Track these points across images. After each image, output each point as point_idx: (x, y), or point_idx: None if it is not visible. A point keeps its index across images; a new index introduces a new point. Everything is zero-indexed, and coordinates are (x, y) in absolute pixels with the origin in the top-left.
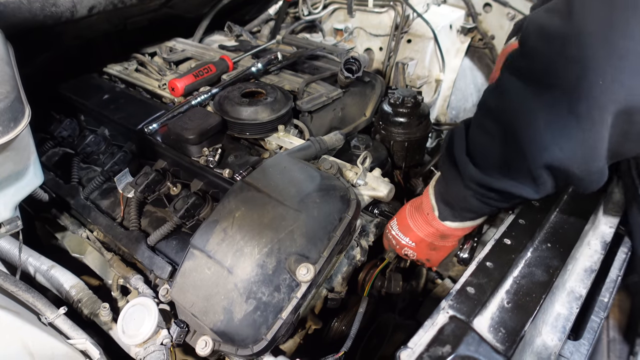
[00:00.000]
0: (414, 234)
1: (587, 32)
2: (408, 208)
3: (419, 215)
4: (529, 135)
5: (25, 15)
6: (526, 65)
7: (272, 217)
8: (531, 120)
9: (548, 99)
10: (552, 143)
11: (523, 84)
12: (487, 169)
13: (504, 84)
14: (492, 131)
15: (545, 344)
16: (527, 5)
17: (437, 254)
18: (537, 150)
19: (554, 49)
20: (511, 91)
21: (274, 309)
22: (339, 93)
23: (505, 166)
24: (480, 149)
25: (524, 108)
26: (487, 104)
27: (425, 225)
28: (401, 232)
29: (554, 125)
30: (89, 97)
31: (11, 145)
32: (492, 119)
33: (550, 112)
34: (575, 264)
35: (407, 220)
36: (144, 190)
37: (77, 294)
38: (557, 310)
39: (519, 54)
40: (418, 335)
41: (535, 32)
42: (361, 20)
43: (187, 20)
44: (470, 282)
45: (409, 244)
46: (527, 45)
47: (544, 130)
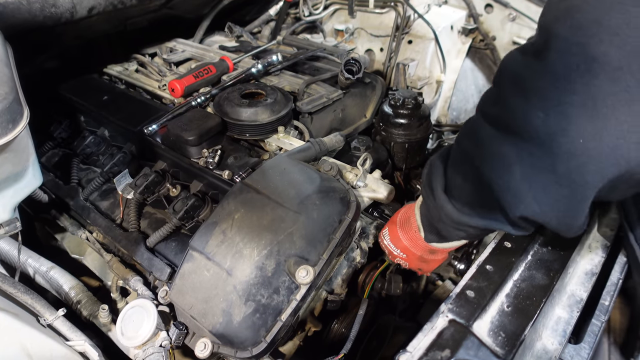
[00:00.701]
0: (404, 247)
1: (566, 82)
2: (399, 219)
3: (408, 229)
4: (504, 185)
5: (25, 16)
6: (499, 112)
7: (271, 219)
8: (506, 170)
9: (523, 151)
10: (528, 196)
11: (496, 131)
12: (464, 208)
13: (476, 129)
14: (467, 175)
15: (546, 348)
16: (529, 6)
17: (428, 265)
18: (513, 202)
19: (528, 99)
20: (484, 138)
21: (273, 311)
22: (339, 94)
23: (482, 208)
24: (457, 189)
25: (498, 157)
26: (462, 146)
27: (414, 241)
28: (392, 243)
29: (531, 178)
30: (89, 97)
31: (10, 146)
32: (467, 162)
33: (526, 164)
34: (576, 267)
35: (397, 232)
36: (143, 192)
37: (77, 296)
38: (557, 314)
39: (492, 99)
40: (417, 339)
41: (508, 78)
42: (362, 20)
43: (187, 20)
44: (470, 285)
45: (400, 255)
46: (499, 91)
47: (520, 181)
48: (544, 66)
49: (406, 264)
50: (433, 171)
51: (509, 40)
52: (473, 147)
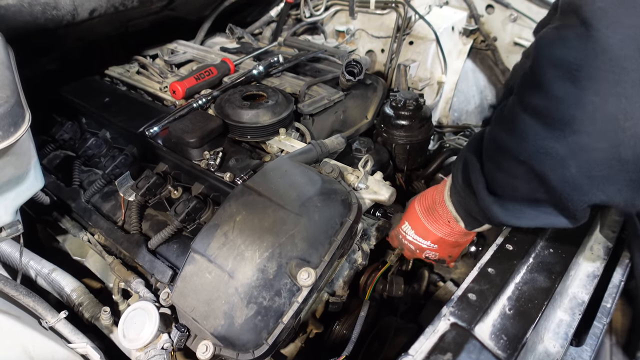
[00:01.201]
0: (435, 237)
1: (620, 59)
2: (419, 211)
3: (437, 221)
4: (561, 180)
5: (26, 19)
6: (542, 103)
7: (273, 221)
8: (559, 165)
9: (575, 145)
10: (592, 188)
11: (541, 124)
12: (513, 205)
13: (517, 122)
14: (514, 172)
15: (547, 351)
16: (530, 6)
17: (459, 249)
18: (575, 195)
19: (578, 84)
20: (528, 133)
21: (275, 314)
22: (340, 96)
23: (534, 204)
24: (504, 187)
25: (547, 153)
26: (500, 140)
27: (449, 230)
28: (420, 237)
29: (591, 171)
30: (90, 99)
31: (11, 149)
32: (512, 159)
33: (582, 158)
34: (578, 270)
35: (424, 224)
36: (144, 194)
37: (78, 298)
38: (559, 317)
39: (532, 89)
40: (419, 342)
41: (549, 63)
42: (363, 22)
43: (188, 22)
44: (471, 288)
45: (430, 246)
46: (540, 79)
47: (579, 176)
48: (593, 45)
49: (436, 254)
50: (470, 168)
51: (510, 41)
52: (515, 142)
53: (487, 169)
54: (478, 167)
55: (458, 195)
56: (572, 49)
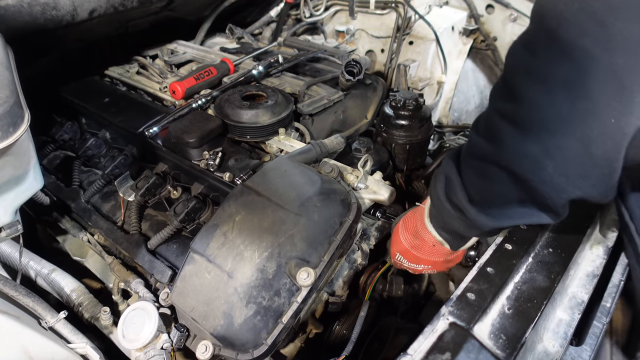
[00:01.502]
0: (427, 261)
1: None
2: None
3: (423, 246)
4: (540, 180)
5: (26, 19)
6: (516, 110)
7: (272, 221)
8: (537, 167)
9: (551, 146)
10: (568, 186)
11: (517, 130)
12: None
13: (495, 130)
14: (497, 178)
15: (547, 351)
16: (530, 6)
17: (454, 262)
18: (554, 193)
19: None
20: (505, 139)
21: (275, 314)
22: (340, 96)
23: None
24: (485, 194)
25: (525, 156)
26: (481, 151)
27: (434, 253)
28: (414, 264)
29: (567, 170)
30: (90, 100)
31: (10, 150)
32: (491, 164)
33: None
34: (577, 269)
35: (412, 253)
36: (144, 194)
37: (78, 298)
38: (558, 316)
39: (505, 97)
40: (418, 342)
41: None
42: (363, 22)
43: (188, 22)
44: (470, 288)
45: (425, 268)
46: (512, 87)
47: (556, 175)
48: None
49: (434, 271)
50: (451, 184)
51: (510, 41)
52: (495, 149)
53: (467, 181)
54: (459, 182)
55: (438, 216)
56: (537, 56)
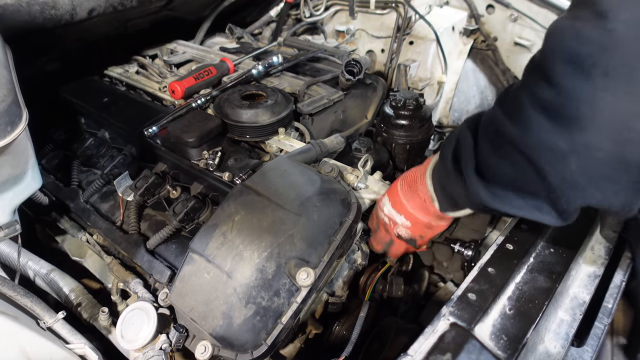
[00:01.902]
0: (409, 213)
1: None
2: (400, 185)
3: (414, 197)
4: (560, 176)
5: (25, 18)
6: (551, 96)
7: (271, 221)
8: (559, 160)
9: (579, 143)
10: (589, 187)
11: (547, 118)
12: (500, 193)
13: (522, 113)
14: (510, 159)
15: (548, 351)
16: (530, 6)
17: (432, 232)
18: (571, 193)
19: (591, 81)
20: (532, 124)
21: (274, 314)
22: (340, 95)
23: (525, 194)
24: (493, 172)
25: (549, 147)
26: (502, 128)
27: (422, 209)
28: (395, 210)
29: (592, 170)
30: (89, 99)
31: (8, 149)
32: (511, 147)
33: (584, 156)
34: (579, 270)
35: (400, 198)
36: (143, 194)
37: (77, 298)
38: (560, 317)
39: (540, 80)
40: (418, 343)
41: (561, 55)
42: (363, 22)
43: (188, 22)
44: (471, 288)
45: (404, 223)
46: (550, 71)
47: (578, 174)
48: (608, 40)
49: (408, 232)
50: (462, 148)
51: (510, 41)
52: (518, 131)
53: (480, 150)
54: (471, 146)
55: (440, 173)
56: (585, 44)
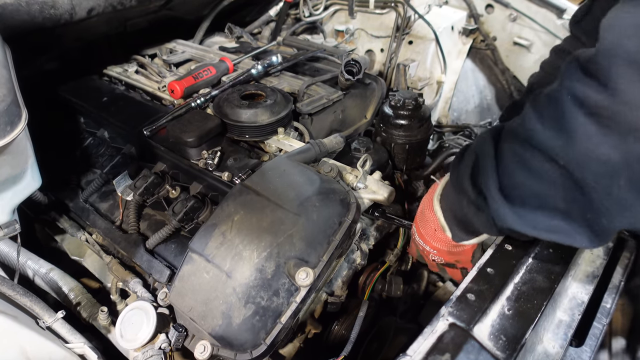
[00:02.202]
0: (430, 244)
1: None
2: (418, 214)
3: (425, 227)
4: (605, 192)
5: (24, 18)
6: (605, 103)
7: (271, 220)
8: (610, 176)
9: (633, 155)
10: (637, 203)
11: (597, 125)
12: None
13: (565, 119)
14: (545, 175)
15: (547, 351)
16: (529, 6)
17: (462, 256)
18: (616, 210)
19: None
20: (579, 134)
21: (273, 314)
22: (339, 95)
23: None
24: (523, 189)
25: (599, 159)
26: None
27: (436, 239)
28: (421, 241)
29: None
30: (89, 99)
31: (8, 149)
32: (546, 160)
33: (636, 171)
34: (577, 270)
35: (419, 228)
36: (142, 193)
37: (76, 297)
38: (558, 317)
39: (593, 83)
40: (417, 343)
41: (626, 59)
42: (362, 21)
43: (187, 21)
44: (470, 288)
45: (431, 251)
46: (608, 75)
47: (626, 190)
48: None
49: (441, 259)
50: (481, 165)
51: (509, 41)
52: (558, 141)
53: (504, 167)
54: (493, 165)
55: (450, 198)
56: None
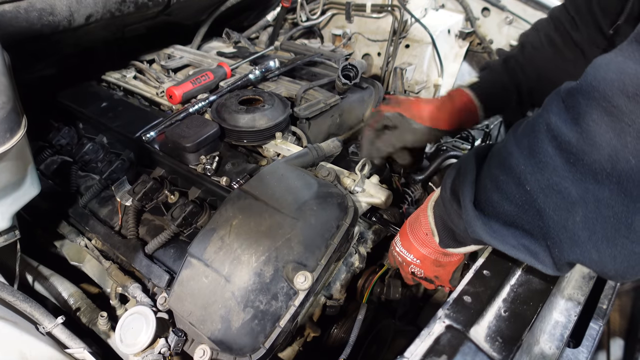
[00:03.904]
0: (417, 252)
1: None
2: (408, 222)
3: (418, 232)
4: (561, 224)
5: (22, 25)
6: (574, 139)
7: (269, 225)
8: (567, 209)
9: (590, 194)
10: (588, 244)
11: (564, 160)
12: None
13: (538, 149)
14: (513, 196)
15: (543, 353)
16: (525, 9)
17: (445, 270)
18: (567, 244)
19: (622, 137)
20: (547, 165)
21: (272, 318)
22: (336, 99)
23: (524, 235)
24: (493, 206)
25: (560, 192)
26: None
27: (426, 245)
28: (405, 249)
29: (595, 226)
30: (87, 105)
31: (7, 155)
32: (516, 183)
33: (591, 209)
34: (573, 271)
35: (408, 236)
36: (141, 199)
37: (76, 303)
38: (555, 318)
39: (568, 119)
40: (414, 345)
41: (601, 99)
42: (359, 25)
43: (185, 27)
44: (467, 290)
45: (413, 261)
46: (584, 114)
47: (581, 227)
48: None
49: (421, 271)
50: (462, 177)
51: (506, 44)
52: (528, 167)
53: (482, 184)
54: (472, 179)
55: (441, 205)
56: (631, 99)
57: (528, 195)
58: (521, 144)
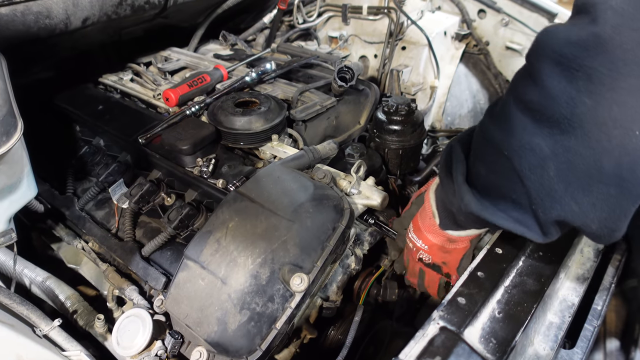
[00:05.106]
0: (425, 237)
1: (623, 63)
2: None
3: (424, 216)
4: (538, 182)
5: (19, 28)
6: (534, 97)
7: (265, 227)
8: (539, 165)
9: (559, 145)
10: (566, 196)
11: (530, 119)
12: (487, 202)
13: (507, 115)
14: (493, 165)
15: (538, 354)
16: (521, 11)
17: (452, 257)
18: (547, 201)
19: (574, 82)
20: (516, 126)
21: (268, 320)
22: (332, 102)
23: (509, 205)
24: (481, 180)
25: (530, 149)
26: (488, 133)
27: (430, 228)
28: (415, 235)
29: (569, 176)
30: (84, 107)
31: (4, 159)
32: (494, 152)
33: (562, 160)
34: (568, 272)
35: (418, 222)
36: (138, 201)
37: (73, 305)
38: (549, 319)
39: (527, 82)
40: (409, 347)
41: (548, 56)
42: (356, 27)
43: (182, 29)
44: (461, 292)
45: (422, 247)
46: (536, 72)
47: (556, 180)
48: (596, 44)
49: (429, 257)
50: (453, 156)
51: (502, 45)
52: (502, 135)
53: (471, 162)
54: (462, 157)
55: (440, 187)
56: (573, 46)
57: (507, 161)
58: (495, 117)
